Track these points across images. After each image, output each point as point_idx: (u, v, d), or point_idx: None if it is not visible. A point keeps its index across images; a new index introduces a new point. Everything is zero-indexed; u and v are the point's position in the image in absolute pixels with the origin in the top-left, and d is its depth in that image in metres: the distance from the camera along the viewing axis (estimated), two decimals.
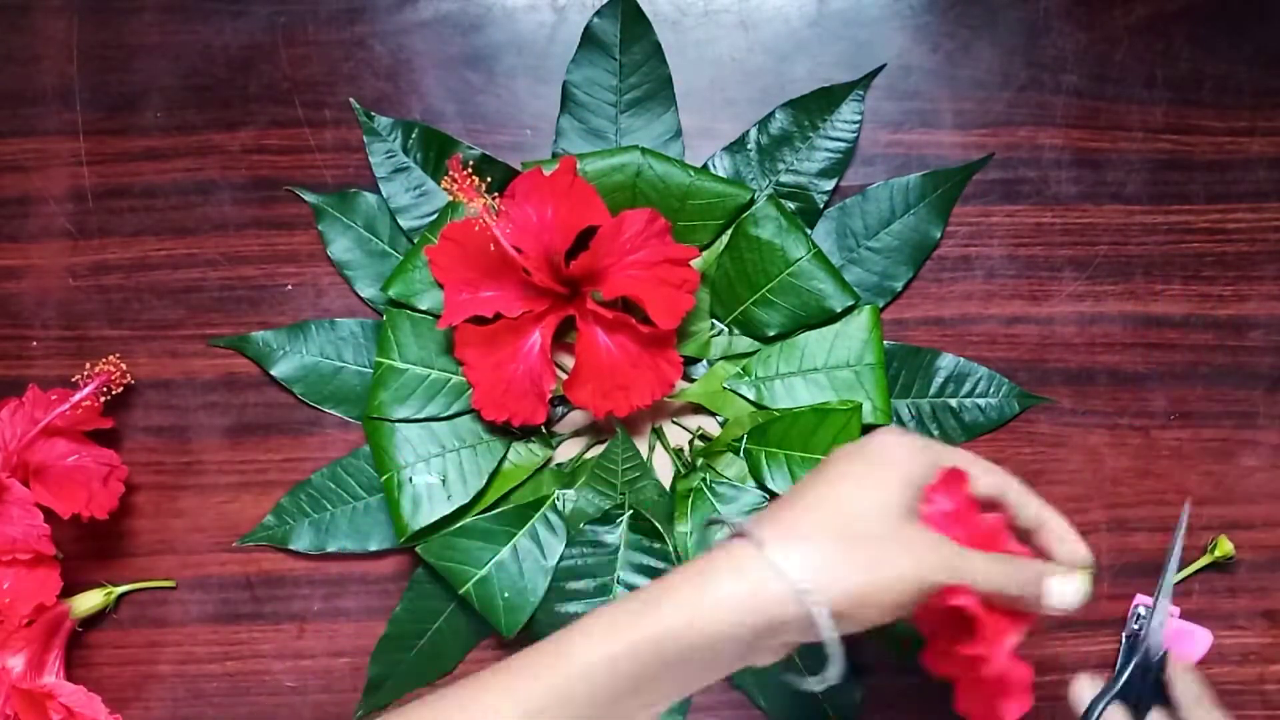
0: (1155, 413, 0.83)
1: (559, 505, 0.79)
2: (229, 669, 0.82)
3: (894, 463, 0.60)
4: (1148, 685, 0.69)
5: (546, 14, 0.84)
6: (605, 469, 0.78)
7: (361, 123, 0.83)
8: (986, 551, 0.60)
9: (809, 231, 0.80)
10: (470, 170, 0.72)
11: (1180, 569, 0.82)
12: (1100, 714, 0.66)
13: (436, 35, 0.85)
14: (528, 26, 0.84)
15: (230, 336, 0.83)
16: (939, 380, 0.81)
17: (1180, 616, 0.80)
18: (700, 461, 0.81)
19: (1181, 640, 0.76)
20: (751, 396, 0.80)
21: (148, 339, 0.83)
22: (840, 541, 0.57)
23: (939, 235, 0.82)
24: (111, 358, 0.78)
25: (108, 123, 0.84)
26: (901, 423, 0.81)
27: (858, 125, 0.82)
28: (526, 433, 0.80)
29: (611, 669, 0.56)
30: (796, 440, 0.78)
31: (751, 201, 0.80)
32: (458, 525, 0.79)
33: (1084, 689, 0.68)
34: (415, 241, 0.81)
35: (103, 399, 0.78)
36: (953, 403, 0.81)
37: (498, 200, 0.74)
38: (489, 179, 0.73)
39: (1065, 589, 0.60)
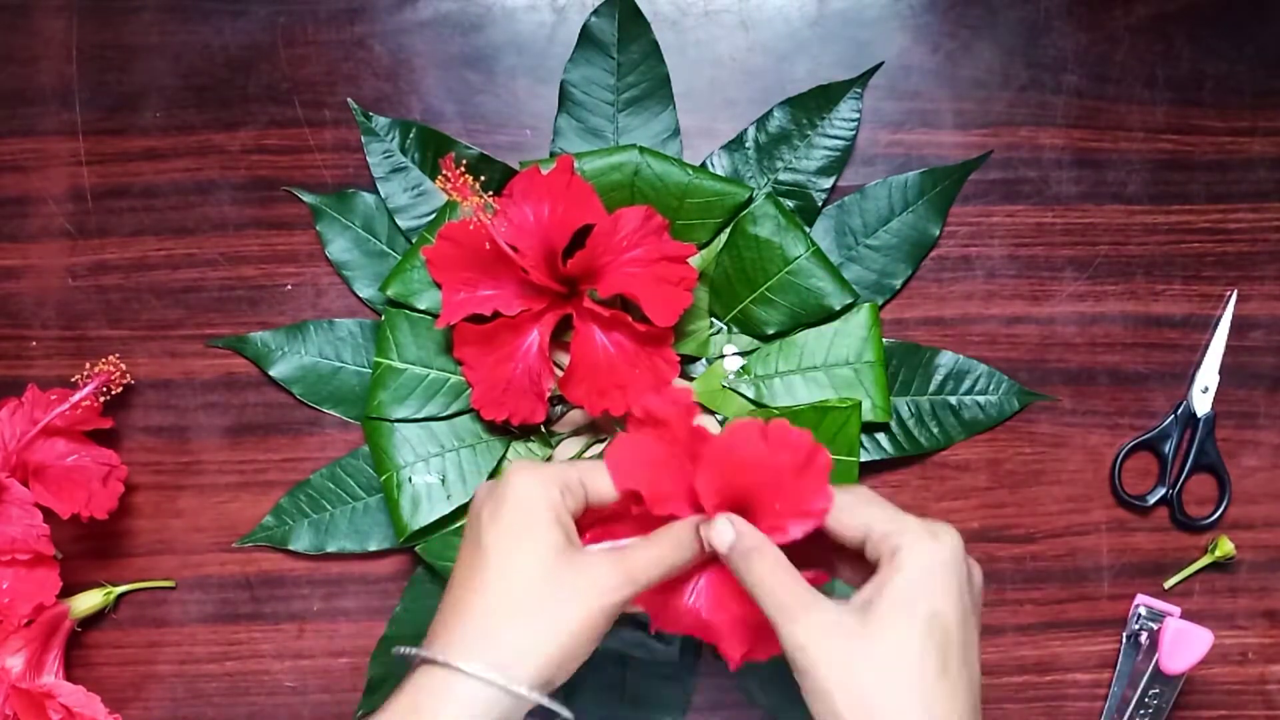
0: (1156, 413, 0.83)
1: None
2: (229, 669, 0.82)
3: (529, 506, 0.59)
4: None
5: (546, 14, 0.84)
6: None
7: (359, 123, 0.83)
8: (650, 529, 0.61)
9: (808, 229, 0.80)
10: (464, 169, 0.71)
11: (1180, 571, 0.82)
12: None
13: (436, 35, 0.85)
14: (527, 26, 0.85)
15: (229, 337, 0.83)
16: (939, 377, 0.81)
17: (1181, 616, 0.80)
18: None
19: (1182, 640, 0.76)
20: (751, 395, 0.80)
21: (147, 339, 0.83)
22: (511, 617, 0.57)
23: (937, 233, 0.82)
24: (111, 358, 0.78)
25: (107, 123, 0.84)
26: (901, 420, 0.80)
27: (856, 123, 0.82)
28: (526, 432, 0.80)
29: None
30: None
31: (750, 200, 0.80)
32: (457, 525, 0.79)
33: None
34: (413, 241, 0.81)
35: (102, 399, 0.78)
36: (952, 400, 0.81)
37: (493, 199, 0.74)
38: (484, 178, 0.72)
39: (721, 532, 0.60)
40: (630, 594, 0.58)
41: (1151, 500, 0.82)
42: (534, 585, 0.58)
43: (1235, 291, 0.83)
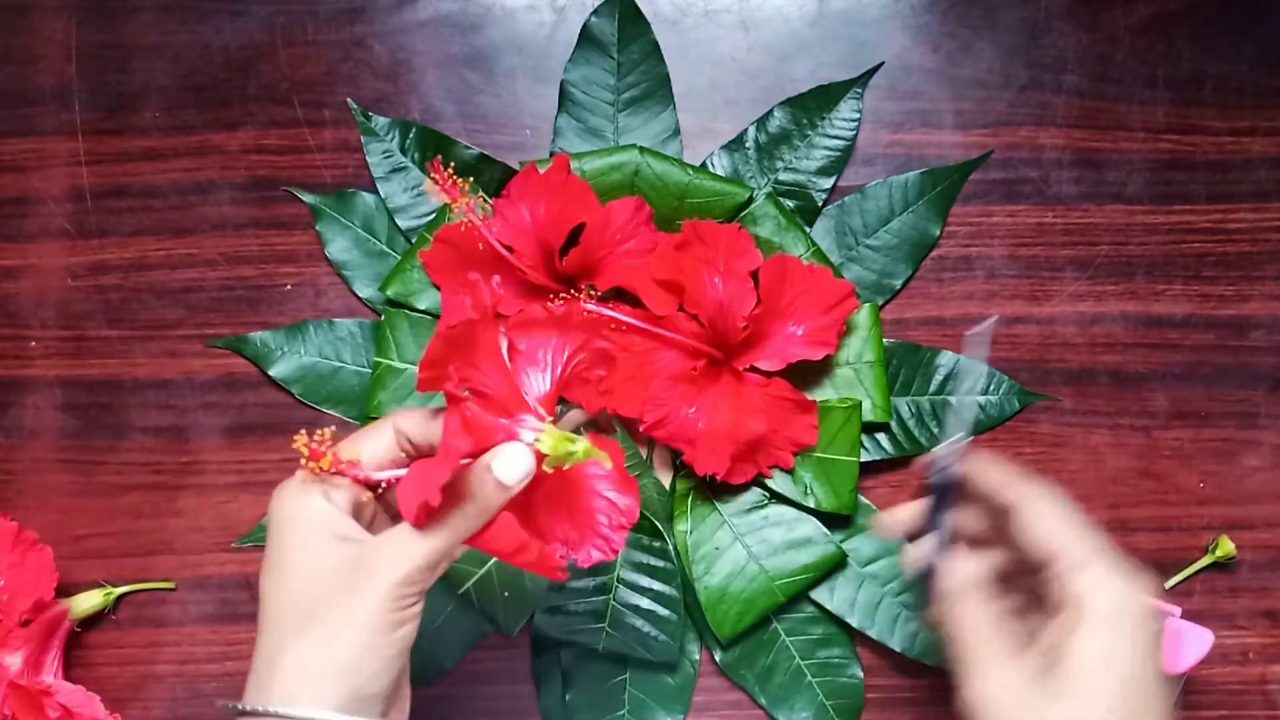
0: (1156, 413, 0.83)
1: None
2: (228, 669, 0.82)
3: (288, 524, 0.55)
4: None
5: (546, 14, 0.84)
6: None
7: (359, 123, 0.83)
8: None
9: (808, 229, 0.80)
10: (453, 169, 0.71)
11: (1180, 571, 0.82)
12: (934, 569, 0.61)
13: (436, 35, 0.85)
14: (527, 26, 0.84)
15: (229, 337, 0.83)
16: (939, 377, 0.81)
17: (1181, 616, 0.79)
18: None
19: (1182, 640, 0.76)
20: None
21: (146, 339, 0.83)
22: (286, 643, 0.53)
23: (938, 233, 0.82)
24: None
25: (106, 123, 0.84)
26: (901, 420, 0.80)
27: (856, 123, 0.82)
28: None
29: None
30: None
31: (750, 200, 0.80)
32: None
33: (908, 549, 0.62)
34: (413, 241, 0.81)
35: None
36: (953, 400, 0.81)
37: (488, 200, 0.74)
38: (473, 178, 0.72)
39: (508, 463, 0.55)
40: (430, 557, 0.54)
41: None
42: (306, 601, 0.53)
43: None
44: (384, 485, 0.58)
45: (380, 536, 0.55)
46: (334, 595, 0.53)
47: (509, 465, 0.55)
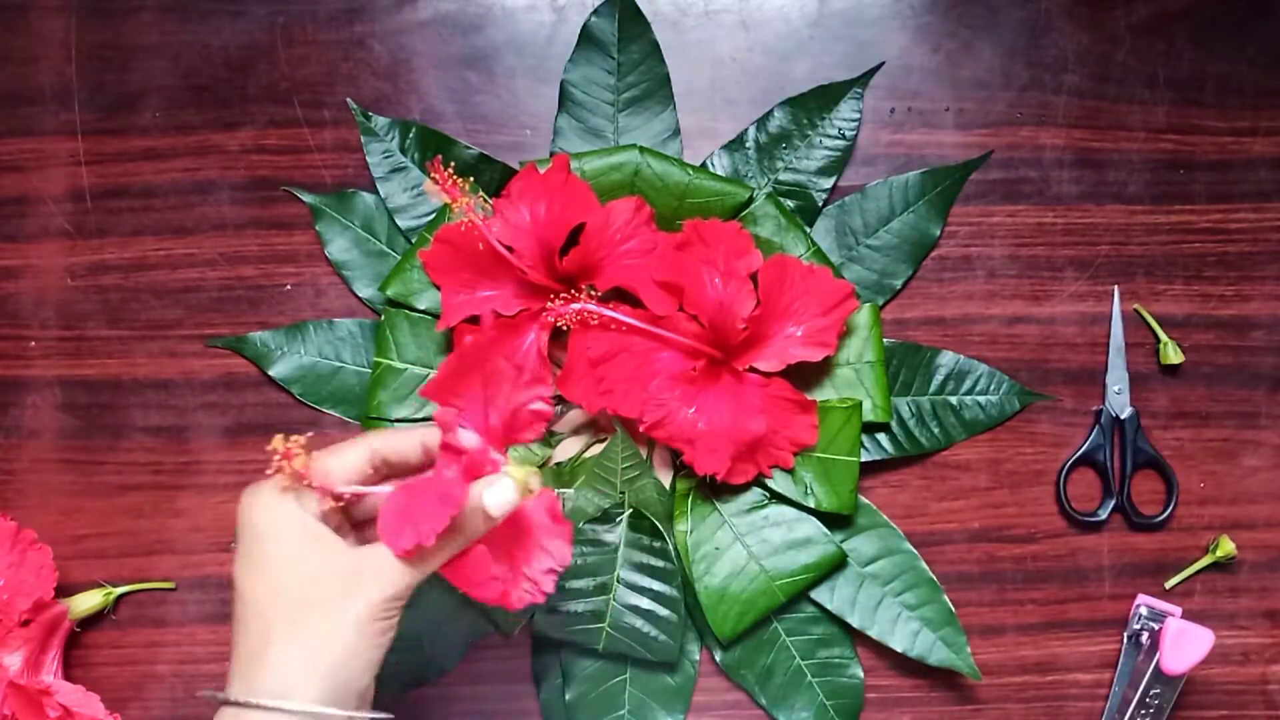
0: (1157, 413, 0.83)
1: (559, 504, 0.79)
2: (228, 669, 0.82)
3: (262, 529, 0.59)
4: None
5: (546, 14, 0.84)
6: (605, 468, 0.78)
7: (359, 123, 0.83)
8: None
9: (808, 229, 0.80)
10: (453, 169, 0.71)
11: (1180, 571, 0.82)
12: None
13: (436, 35, 0.84)
14: (527, 26, 0.84)
15: (228, 337, 0.83)
16: (939, 378, 0.81)
17: (1182, 616, 0.80)
18: None
19: (1183, 640, 0.76)
20: None
21: (146, 339, 0.83)
22: (271, 640, 0.57)
23: (938, 233, 0.82)
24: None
25: (106, 123, 0.84)
26: (902, 420, 0.80)
27: (857, 123, 0.82)
28: None
29: None
30: None
31: (750, 200, 0.80)
32: None
33: None
34: (413, 241, 0.81)
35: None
36: (953, 400, 0.81)
37: (488, 200, 0.74)
38: (472, 178, 0.72)
39: (498, 496, 0.59)
40: (416, 579, 0.58)
41: (1104, 514, 0.81)
42: (293, 601, 0.57)
43: (1117, 288, 0.83)
44: (348, 498, 0.61)
45: (372, 550, 0.59)
46: (322, 599, 0.57)
47: (499, 497, 0.59)
